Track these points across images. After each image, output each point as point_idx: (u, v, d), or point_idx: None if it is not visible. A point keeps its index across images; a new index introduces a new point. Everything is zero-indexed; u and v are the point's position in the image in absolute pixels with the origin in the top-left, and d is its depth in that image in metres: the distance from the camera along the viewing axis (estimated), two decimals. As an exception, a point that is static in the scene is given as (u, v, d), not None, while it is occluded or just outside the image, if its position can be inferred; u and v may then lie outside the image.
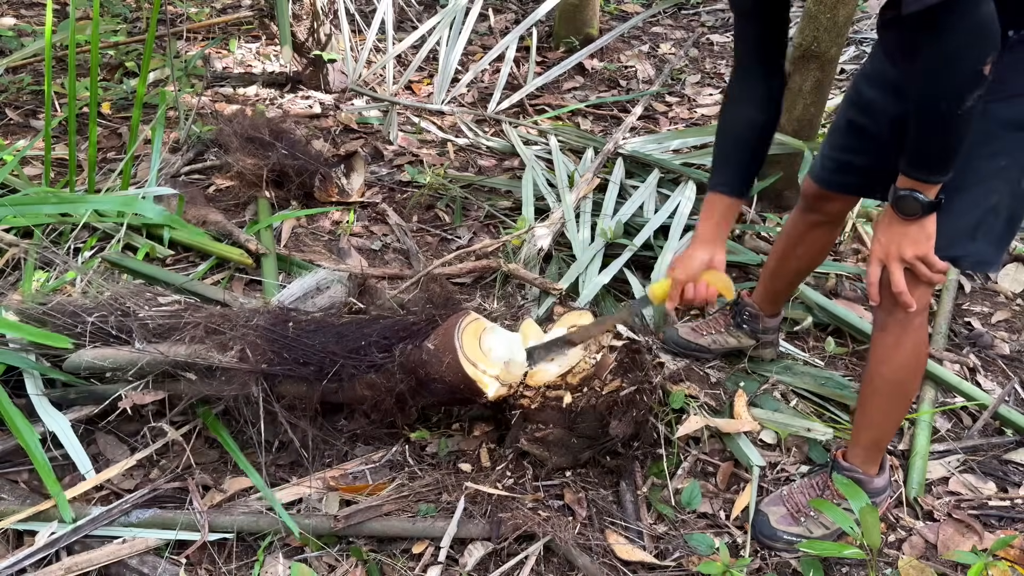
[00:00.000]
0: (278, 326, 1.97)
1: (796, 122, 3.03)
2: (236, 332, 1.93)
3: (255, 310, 2.05)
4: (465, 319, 1.93)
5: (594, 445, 1.96)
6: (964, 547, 1.86)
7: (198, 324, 1.96)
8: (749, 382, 2.32)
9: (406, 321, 2.04)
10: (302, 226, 2.96)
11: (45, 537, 1.70)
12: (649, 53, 4.80)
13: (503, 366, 1.91)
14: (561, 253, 2.84)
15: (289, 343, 1.92)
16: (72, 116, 2.65)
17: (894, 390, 1.77)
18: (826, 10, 2.82)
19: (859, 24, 5.07)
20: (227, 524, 1.78)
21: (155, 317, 1.99)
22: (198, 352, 1.91)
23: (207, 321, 1.97)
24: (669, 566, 1.80)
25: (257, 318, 1.98)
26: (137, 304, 2.05)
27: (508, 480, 1.94)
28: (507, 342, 1.97)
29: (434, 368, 1.88)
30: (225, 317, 2.00)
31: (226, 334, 1.93)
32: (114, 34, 4.14)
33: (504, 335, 1.99)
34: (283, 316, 2.04)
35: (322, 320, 2.05)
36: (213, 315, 2.00)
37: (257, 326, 1.95)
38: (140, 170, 3.07)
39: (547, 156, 3.43)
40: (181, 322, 1.98)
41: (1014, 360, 2.55)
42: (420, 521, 1.81)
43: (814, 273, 2.80)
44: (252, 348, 1.90)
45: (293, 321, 2.01)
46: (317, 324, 2.02)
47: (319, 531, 1.78)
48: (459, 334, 1.89)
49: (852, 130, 1.88)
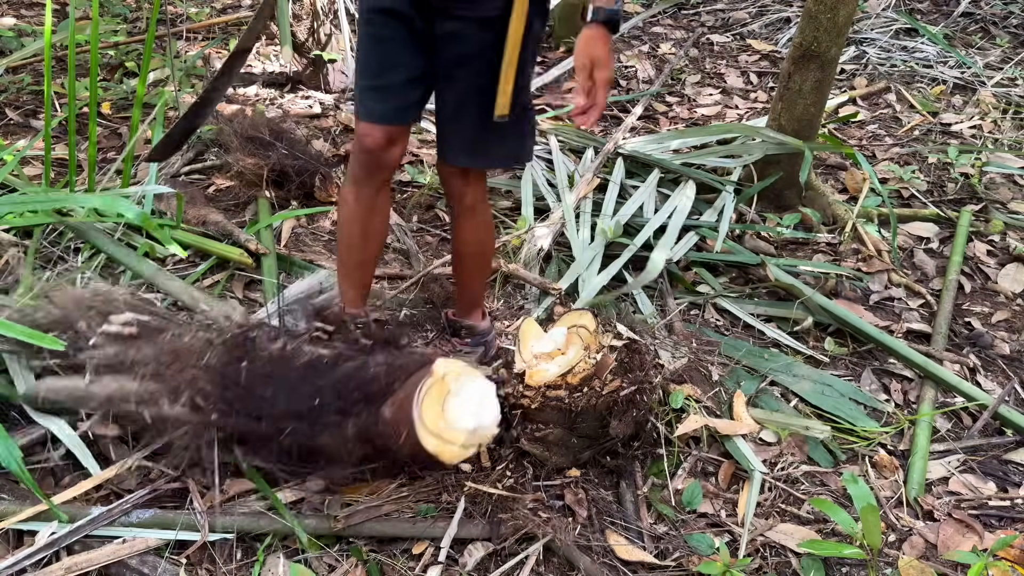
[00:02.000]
0: (231, 366, 1.77)
1: (796, 122, 3.03)
2: (185, 375, 1.77)
3: (209, 341, 1.83)
4: (427, 381, 1.66)
5: (594, 445, 1.96)
6: (964, 547, 1.86)
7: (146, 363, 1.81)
8: (749, 381, 2.32)
9: (367, 370, 1.77)
10: (302, 226, 2.96)
11: (45, 537, 1.70)
12: (649, 53, 4.80)
13: (469, 434, 1.66)
14: (561, 253, 2.83)
15: (240, 393, 1.76)
16: (72, 116, 2.65)
17: (479, 260, 2.19)
18: (826, 10, 2.82)
19: (859, 24, 5.07)
20: (227, 524, 1.78)
21: (104, 344, 1.85)
22: (149, 394, 1.79)
23: (156, 358, 1.81)
24: (669, 566, 1.80)
25: (210, 354, 1.78)
26: (89, 324, 1.88)
27: (508, 480, 1.93)
28: (477, 401, 1.68)
29: (392, 440, 1.67)
30: (176, 355, 1.80)
31: (173, 378, 1.78)
32: (114, 34, 4.14)
33: (473, 393, 1.69)
34: (238, 350, 1.81)
35: (280, 358, 1.81)
36: (162, 352, 1.82)
37: (208, 367, 1.76)
38: (140, 170, 3.07)
39: (547, 156, 3.43)
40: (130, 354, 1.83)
41: (1014, 360, 2.55)
42: (420, 522, 1.81)
43: (814, 273, 2.80)
44: (202, 395, 1.75)
45: (248, 359, 1.79)
46: (274, 363, 1.80)
47: (319, 531, 1.78)
48: (418, 404, 1.63)
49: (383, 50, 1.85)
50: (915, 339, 2.59)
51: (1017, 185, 3.51)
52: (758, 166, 3.13)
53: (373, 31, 1.85)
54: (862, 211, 3.12)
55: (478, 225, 2.11)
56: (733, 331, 2.58)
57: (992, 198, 3.38)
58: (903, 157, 3.72)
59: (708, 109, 4.17)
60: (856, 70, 4.61)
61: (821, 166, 3.60)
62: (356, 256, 2.11)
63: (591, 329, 1.99)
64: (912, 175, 3.48)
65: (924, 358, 2.43)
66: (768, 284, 2.73)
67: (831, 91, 3.20)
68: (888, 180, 3.48)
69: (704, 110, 4.16)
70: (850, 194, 3.37)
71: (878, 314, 2.70)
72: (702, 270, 2.81)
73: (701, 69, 4.64)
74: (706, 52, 4.87)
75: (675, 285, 2.72)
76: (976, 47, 4.89)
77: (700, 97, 4.31)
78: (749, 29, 5.13)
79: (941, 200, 3.38)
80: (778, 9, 5.30)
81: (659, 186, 3.14)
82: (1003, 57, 4.76)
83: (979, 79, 4.45)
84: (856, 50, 4.81)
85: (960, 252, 2.95)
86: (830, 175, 3.56)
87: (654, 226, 2.85)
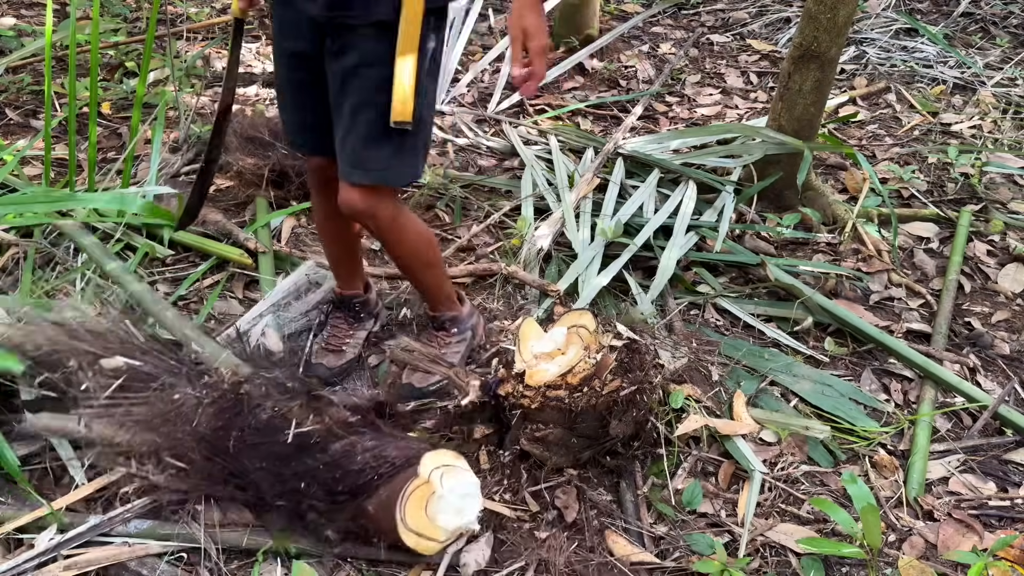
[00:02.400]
0: (219, 431, 1.80)
1: (796, 122, 3.03)
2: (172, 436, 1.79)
3: (198, 400, 1.85)
4: (413, 483, 1.72)
5: (594, 445, 1.96)
6: (964, 547, 1.86)
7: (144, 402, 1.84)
8: (749, 381, 2.32)
9: (355, 456, 1.80)
10: (302, 226, 2.96)
11: (44, 543, 1.70)
12: (649, 53, 4.80)
13: (451, 532, 1.73)
14: (561, 253, 2.83)
15: (226, 462, 1.79)
16: (72, 116, 2.65)
17: (421, 265, 2.12)
18: (826, 10, 2.82)
19: (859, 24, 5.07)
20: (225, 540, 1.77)
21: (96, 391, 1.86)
22: (137, 448, 1.81)
23: (145, 414, 1.84)
24: (669, 566, 1.80)
25: (199, 415, 1.81)
26: (80, 364, 1.90)
27: (505, 489, 1.93)
28: (460, 497, 1.74)
29: (374, 529, 1.75)
30: (164, 415, 1.83)
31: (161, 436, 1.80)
32: (114, 34, 4.13)
33: (458, 488, 1.74)
34: (227, 412, 1.83)
35: (268, 427, 1.83)
36: (151, 407, 1.85)
37: (195, 432, 1.79)
38: (140, 170, 3.07)
39: (547, 156, 3.43)
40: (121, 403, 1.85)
41: (1014, 360, 2.55)
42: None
43: (814, 273, 2.81)
44: (188, 462, 1.78)
45: (236, 424, 1.82)
46: (263, 432, 1.82)
47: (315, 552, 1.77)
48: (402, 506, 1.69)
49: (297, 90, 1.90)
50: (915, 339, 2.59)
51: (1017, 185, 3.51)
52: (758, 166, 3.13)
53: (285, 73, 1.90)
54: (862, 211, 3.12)
55: (403, 240, 2.01)
56: (733, 331, 2.58)
57: (992, 198, 3.38)
58: (903, 157, 3.72)
59: (708, 109, 4.17)
60: (856, 70, 4.61)
61: (821, 166, 3.60)
62: (331, 253, 2.27)
63: (591, 329, 1.99)
64: (912, 175, 3.48)
65: (924, 358, 2.43)
66: (768, 284, 2.73)
67: (831, 91, 3.20)
68: (888, 180, 3.48)
69: (704, 110, 4.16)
70: (850, 194, 3.37)
71: (878, 314, 2.70)
72: (702, 270, 2.81)
73: (701, 69, 4.64)
74: (706, 52, 4.87)
75: (675, 285, 2.72)
76: (976, 47, 4.89)
77: (700, 97, 4.31)
78: (749, 29, 5.13)
79: (941, 200, 3.38)
80: (778, 9, 5.30)
81: (659, 186, 3.14)
82: (1003, 57, 4.76)
83: (979, 79, 4.45)
84: (856, 50, 4.81)
85: (960, 252, 2.95)
86: (830, 175, 3.56)
87: (654, 226, 2.85)
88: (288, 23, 1.81)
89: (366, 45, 1.71)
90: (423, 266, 2.13)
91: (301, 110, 1.92)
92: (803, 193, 3.12)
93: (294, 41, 1.82)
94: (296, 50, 1.82)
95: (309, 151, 2.01)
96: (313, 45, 1.78)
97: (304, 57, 1.81)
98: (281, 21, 1.83)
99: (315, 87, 1.83)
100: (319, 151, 1.95)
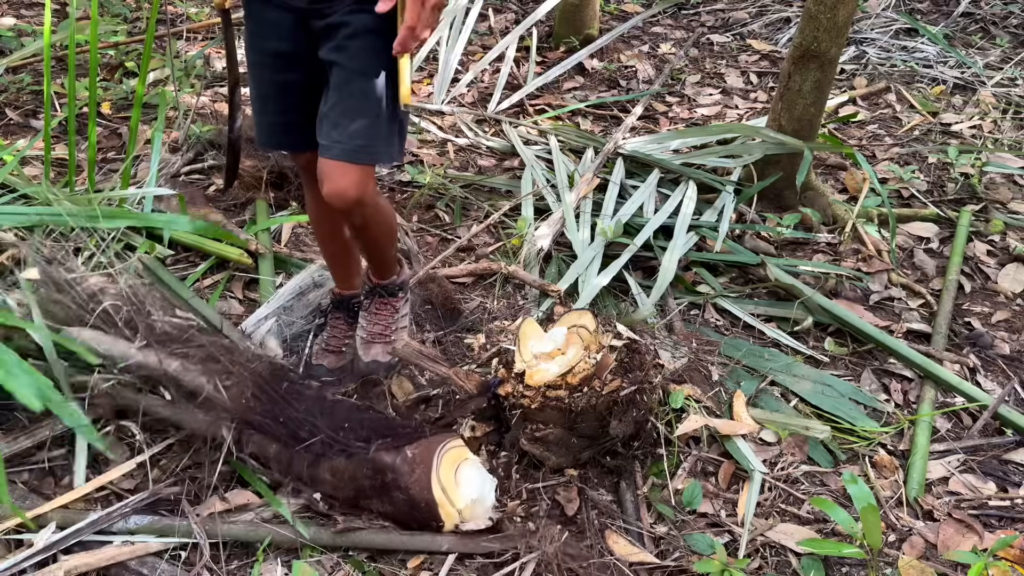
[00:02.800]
0: (273, 380, 1.92)
1: (796, 122, 3.02)
2: (233, 368, 1.88)
3: (258, 355, 2.01)
4: (451, 442, 1.84)
5: (594, 445, 1.96)
6: (964, 547, 1.86)
7: (201, 345, 1.92)
8: (749, 381, 2.32)
9: (396, 422, 1.95)
10: (302, 226, 2.96)
11: (43, 541, 1.70)
12: (649, 53, 4.80)
13: (469, 503, 1.79)
14: (561, 253, 2.83)
15: (277, 399, 1.87)
16: (71, 116, 2.65)
17: (388, 237, 2.11)
18: (826, 10, 2.82)
19: (859, 24, 5.07)
20: (225, 533, 1.77)
21: (164, 324, 1.96)
22: (188, 373, 1.88)
23: (211, 347, 1.92)
24: (669, 566, 1.80)
25: (258, 363, 1.94)
26: (153, 306, 2.01)
27: (505, 489, 1.93)
28: (481, 481, 1.84)
29: (403, 477, 1.78)
30: (228, 350, 1.95)
31: (222, 368, 1.88)
32: (114, 34, 4.13)
33: (481, 473, 1.86)
34: (281, 372, 1.99)
35: (317, 392, 1.99)
36: (217, 343, 1.96)
37: (254, 371, 1.90)
38: (140, 170, 3.07)
39: (547, 156, 3.43)
40: (184, 336, 1.94)
41: (1014, 360, 2.55)
42: (418, 535, 1.78)
43: (814, 273, 2.80)
44: (238, 392, 1.85)
45: (288, 381, 1.95)
46: (309, 393, 1.96)
47: (317, 540, 1.77)
48: (440, 454, 1.80)
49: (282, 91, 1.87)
50: (915, 339, 2.59)
51: (1017, 185, 3.50)
52: (758, 166, 3.13)
53: (270, 75, 1.85)
54: (862, 211, 3.12)
55: (381, 221, 2.02)
56: (733, 331, 2.58)
57: (992, 198, 3.38)
58: (903, 157, 3.72)
59: (708, 109, 4.17)
60: (856, 70, 4.61)
61: (821, 166, 3.60)
62: (328, 251, 2.25)
63: (591, 329, 1.99)
64: (912, 175, 3.48)
65: (924, 358, 2.43)
66: (768, 284, 2.73)
67: (831, 91, 3.20)
68: (888, 180, 3.48)
69: (704, 110, 4.16)
70: (850, 194, 3.37)
71: (878, 314, 2.70)
72: (702, 270, 2.81)
73: (701, 69, 4.64)
74: (706, 52, 4.87)
75: (675, 285, 2.72)
76: (976, 47, 4.89)
77: (700, 97, 4.31)
78: (749, 29, 5.13)
79: (941, 200, 3.38)
80: (778, 9, 5.30)
81: (659, 186, 3.14)
82: (1003, 57, 4.76)
83: (979, 79, 4.45)
84: (856, 50, 4.81)
85: (960, 252, 2.95)
86: (830, 175, 3.56)
87: (654, 226, 2.85)
88: (269, 24, 1.79)
89: (354, 19, 1.69)
90: (389, 240, 2.13)
91: (287, 111, 1.88)
92: (803, 193, 3.12)
93: (277, 42, 1.79)
94: (281, 51, 1.80)
95: (298, 149, 1.97)
96: (297, 43, 1.76)
97: (290, 56, 1.79)
98: (260, 23, 1.81)
99: (303, 85, 1.81)
100: (308, 147, 1.89)
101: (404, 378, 2.23)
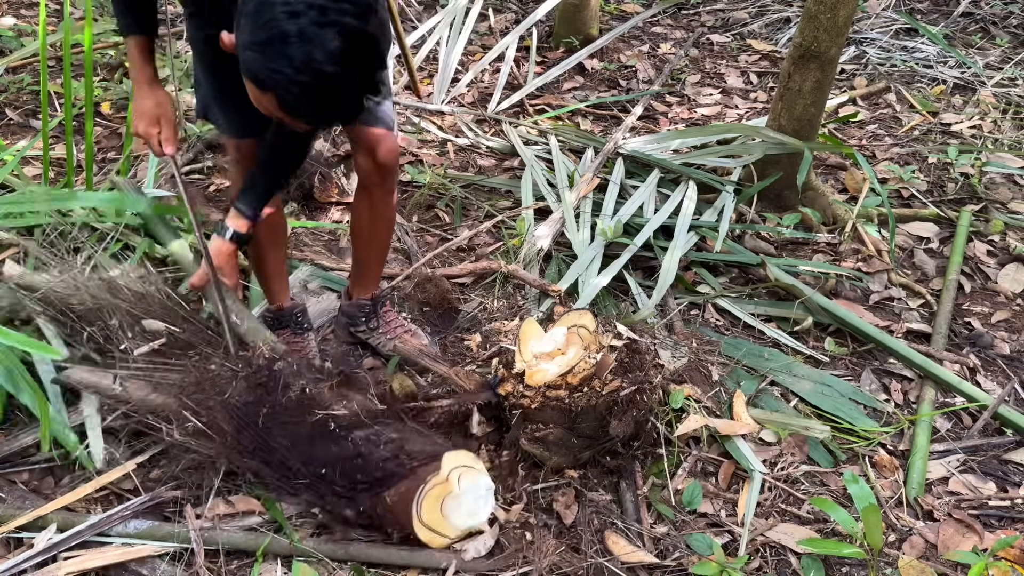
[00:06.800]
0: (250, 405, 1.85)
1: (796, 122, 3.02)
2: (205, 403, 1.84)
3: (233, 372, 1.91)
4: (432, 480, 1.76)
5: (594, 445, 1.96)
6: (964, 547, 1.86)
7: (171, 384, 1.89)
8: (749, 381, 2.32)
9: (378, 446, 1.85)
10: (302, 226, 2.96)
11: (43, 542, 1.70)
12: (649, 53, 4.80)
13: (461, 531, 1.78)
14: (561, 253, 2.83)
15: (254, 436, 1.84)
16: (69, 116, 2.65)
17: (387, 241, 2.30)
18: (826, 10, 2.82)
19: (859, 24, 5.07)
20: (224, 541, 1.77)
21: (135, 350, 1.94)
22: (169, 411, 1.86)
23: (181, 380, 1.90)
24: (669, 566, 1.80)
25: (233, 387, 1.86)
26: (124, 325, 1.97)
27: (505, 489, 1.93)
28: (474, 500, 1.79)
29: (387, 523, 1.79)
30: (199, 382, 1.89)
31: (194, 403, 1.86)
32: (113, 34, 4.13)
33: (473, 491, 1.80)
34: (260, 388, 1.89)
35: (298, 407, 1.87)
36: (188, 373, 1.91)
37: (228, 403, 1.84)
38: (140, 170, 3.07)
39: (547, 156, 3.43)
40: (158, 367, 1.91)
41: (1014, 360, 2.55)
42: (417, 550, 1.78)
43: (814, 273, 2.80)
44: (217, 430, 1.83)
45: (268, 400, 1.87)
46: (292, 411, 1.86)
47: (317, 550, 1.77)
48: (420, 498, 1.74)
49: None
50: (915, 339, 2.59)
51: (1017, 185, 3.50)
52: (758, 166, 3.13)
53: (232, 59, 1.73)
54: (862, 211, 3.12)
55: (390, 204, 2.18)
56: (733, 331, 2.58)
57: (992, 198, 3.37)
58: (903, 157, 3.72)
59: (708, 109, 4.17)
60: (856, 70, 4.61)
61: (821, 166, 3.59)
62: (270, 262, 2.26)
63: (591, 329, 1.99)
64: (912, 175, 3.48)
65: (924, 358, 2.43)
66: (768, 284, 2.73)
67: (831, 91, 3.19)
68: (888, 180, 3.48)
69: (704, 110, 4.16)
70: (850, 194, 3.36)
71: (878, 314, 2.69)
72: (702, 270, 2.80)
73: (701, 69, 4.64)
74: (706, 52, 4.87)
75: (675, 285, 2.71)
76: (976, 47, 4.89)
77: (700, 97, 4.31)
78: (749, 29, 5.13)
79: (941, 200, 3.38)
80: (778, 9, 5.30)
81: (659, 186, 3.13)
82: (1003, 57, 4.76)
83: (979, 79, 4.45)
84: (856, 50, 4.81)
85: (960, 252, 2.95)
86: (830, 175, 3.56)
87: (654, 226, 2.85)
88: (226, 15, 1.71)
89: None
90: (389, 242, 2.30)
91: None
92: (803, 193, 3.12)
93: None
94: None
95: (256, 135, 1.94)
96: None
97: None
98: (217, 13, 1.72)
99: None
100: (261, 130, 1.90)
101: (404, 375, 2.23)
